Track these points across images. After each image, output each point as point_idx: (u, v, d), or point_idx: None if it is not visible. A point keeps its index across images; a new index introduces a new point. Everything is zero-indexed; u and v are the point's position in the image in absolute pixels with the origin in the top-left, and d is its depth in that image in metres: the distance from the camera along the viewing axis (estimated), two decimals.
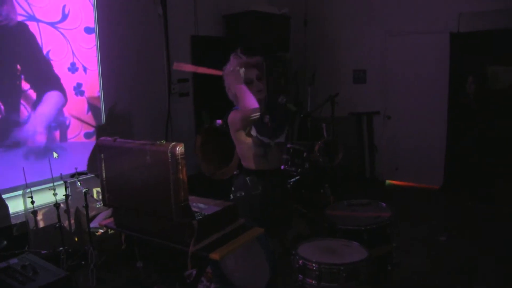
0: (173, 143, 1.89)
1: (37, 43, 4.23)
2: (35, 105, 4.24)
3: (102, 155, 2.21)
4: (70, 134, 4.60)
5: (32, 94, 4.22)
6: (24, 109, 4.16)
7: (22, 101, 4.14)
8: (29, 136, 4.21)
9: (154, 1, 5.35)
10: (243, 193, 2.80)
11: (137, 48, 5.22)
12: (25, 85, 4.16)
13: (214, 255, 1.98)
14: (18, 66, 4.10)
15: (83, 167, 4.18)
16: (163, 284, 3.47)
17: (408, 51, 6.43)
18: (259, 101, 2.74)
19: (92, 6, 4.72)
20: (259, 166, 2.86)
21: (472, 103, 5.61)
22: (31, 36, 4.18)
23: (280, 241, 3.16)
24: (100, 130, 4.82)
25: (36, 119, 4.25)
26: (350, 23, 6.90)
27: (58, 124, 4.47)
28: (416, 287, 3.63)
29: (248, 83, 2.78)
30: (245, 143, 2.85)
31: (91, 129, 4.81)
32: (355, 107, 6.86)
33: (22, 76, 4.13)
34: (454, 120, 6.09)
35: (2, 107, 3.98)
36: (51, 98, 4.39)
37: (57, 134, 4.47)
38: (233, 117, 2.80)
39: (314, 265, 2.46)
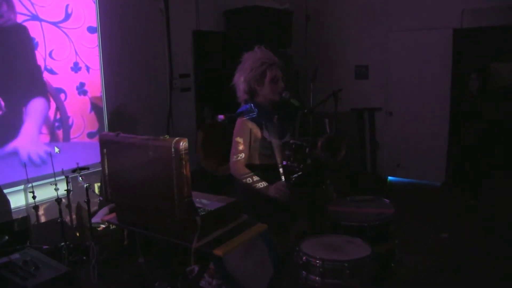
0: (177, 138, 1.87)
1: (35, 45, 4.18)
2: (36, 105, 4.23)
3: (105, 150, 2.19)
4: (73, 133, 4.59)
5: (31, 95, 4.20)
6: (25, 108, 4.15)
7: (23, 100, 4.12)
8: (32, 134, 4.19)
9: None
10: (247, 189, 2.78)
11: (139, 43, 5.20)
12: (25, 86, 4.13)
13: (218, 251, 1.96)
14: (16, 66, 4.07)
15: (84, 162, 4.17)
16: (165, 280, 3.45)
17: (411, 47, 6.39)
18: (275, 101, 2.80)
19: (95, 4, 4.70)
20: (263, 161, 2.85)
21: (475, 100, 5.58)
22: (29, 38, 4.14)
23: (283, 238, 3.14)
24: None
25: (39, 119, 4.26)
26: (352, 18, 6.86)
27: (61, 123, 4.45)
28: (419, 285, 3.61)
29: (275, 82, 2.77)
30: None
31: (94, 129, 4.79)
32: (357, 103, 6.83)
33: (20, 76, 4.09)
34: (457, 117, 6.07)
35: (3, 103, 3.97)
36: (36, 104, 4.33)
37: (60, 133, 4.46)
38: (237, 130, 2.81)
39: (317, 261, 2.45)
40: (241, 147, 2.77)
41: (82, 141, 4.66)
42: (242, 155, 2.77)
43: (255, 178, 2.74)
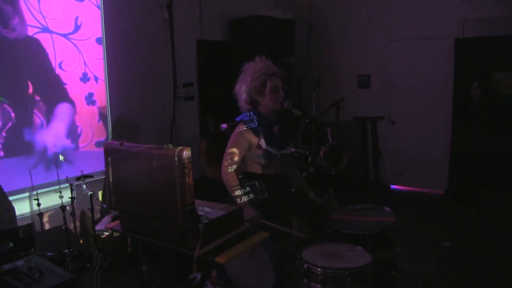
0: (180, 147, 1.91)
1: (47, 57, 4.25)
2: (47, 116, 4.28)
3: (109, 158, 2.23)
4: (82, 143, 4.63)
5: (43, 106, 4.25)
6: (38, 119, 4.20)
7: (35, 111, 4.17)
8: (42, 144, 4.24)
9: (160, 6, 5.38)
10: (251, 196, 2.80)
11: (143, 52, 5.25)
12: (36, 97, 4.18)
13: (220, 259, 1.98)
14: (28, 78, 4.12)
15: (92, 171, 4.20)
16: (168, 287, 3.48)
17: (413, 56, 6.43)
18: (276, 111, 2.81)
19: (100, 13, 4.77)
20: (263, 171, 2.87)
21: (477, 109, 5.60)
22: (42, 50, 4.21)
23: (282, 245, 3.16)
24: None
25: (49, 129, 4.30)
26: (354, 27, 6.91)
27: (69, 133, 4.51)
28: None
29: (275, 91, 2.80)
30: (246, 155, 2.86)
31: (102, 138, 4.84)
32: (359, 112, 6.86)
33: (32, 87, 4.15)
34: (459, 126, 6.08)
35: (13, 114, 4.01)
36: (62, 109, 4.42)
37: (68, 142, 4.51)
38: (233, 140, 2.83)
39: (319, 269, 2.47)
40: (236, 158, 2.78)
41: (90, 150, 4.71)
42: (235, 167, 2.79)
43: (241, 191, 2.76)
